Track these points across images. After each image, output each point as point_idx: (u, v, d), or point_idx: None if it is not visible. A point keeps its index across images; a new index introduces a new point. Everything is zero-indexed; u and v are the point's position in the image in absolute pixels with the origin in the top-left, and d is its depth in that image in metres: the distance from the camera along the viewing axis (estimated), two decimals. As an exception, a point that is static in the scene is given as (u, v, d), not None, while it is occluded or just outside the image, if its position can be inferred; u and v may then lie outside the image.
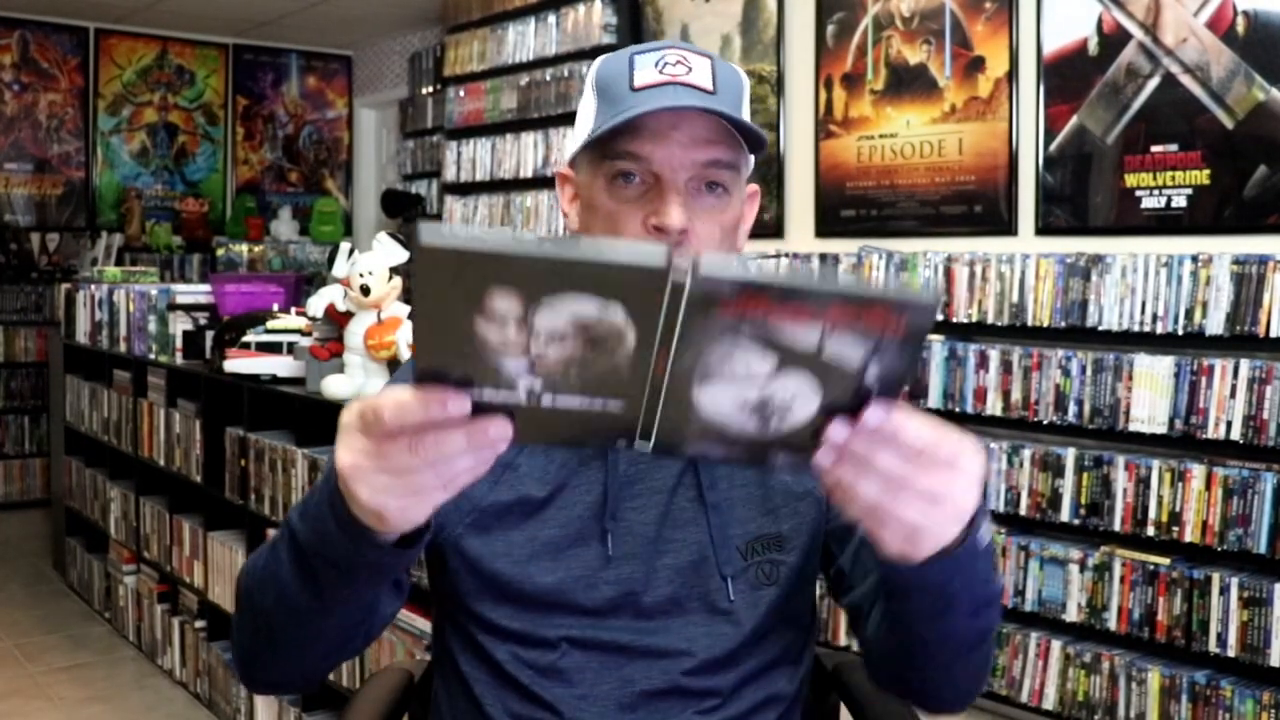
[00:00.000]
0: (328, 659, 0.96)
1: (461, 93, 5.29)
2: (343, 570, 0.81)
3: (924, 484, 0.69)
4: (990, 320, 3.20)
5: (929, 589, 0.80)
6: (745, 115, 1.04)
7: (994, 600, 0.87)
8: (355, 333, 2.44)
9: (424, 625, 2.30)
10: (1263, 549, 2.65)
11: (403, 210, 6.20)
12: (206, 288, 3.57)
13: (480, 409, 0.67)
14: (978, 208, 3.39)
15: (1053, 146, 3.19)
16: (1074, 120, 3.14)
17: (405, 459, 0.67)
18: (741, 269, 0.62)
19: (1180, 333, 2.82)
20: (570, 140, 1.09)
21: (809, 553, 1.09)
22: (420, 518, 0.73)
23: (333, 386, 2.45)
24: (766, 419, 0.68)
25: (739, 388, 0.66)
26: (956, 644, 0.88)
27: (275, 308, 3.13)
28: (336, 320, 2.54)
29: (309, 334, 2.72)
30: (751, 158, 1.06)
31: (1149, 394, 2.85)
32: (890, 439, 0.68)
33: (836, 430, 0.68)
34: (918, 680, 0.96)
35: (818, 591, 1.22)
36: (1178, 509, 2.79)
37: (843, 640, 3.42)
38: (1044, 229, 3.23)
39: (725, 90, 1.02)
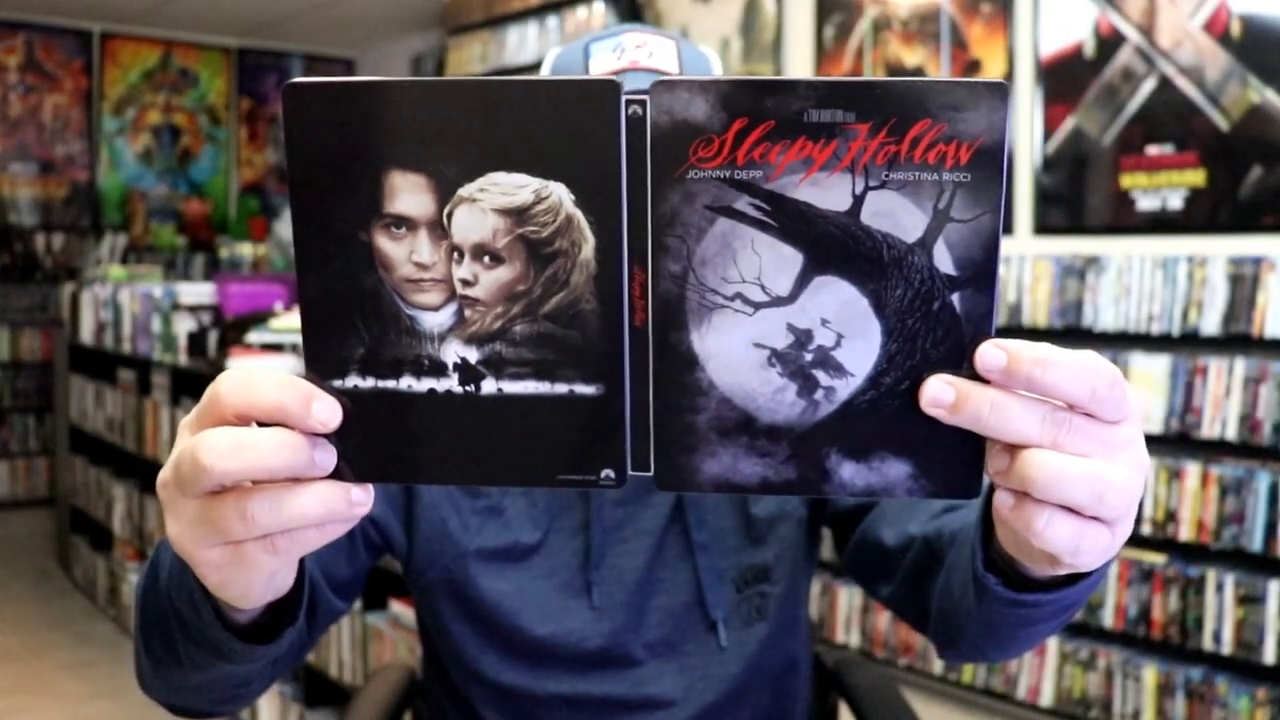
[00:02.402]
0: (206, 708, 0.76)
1: (463, 94, 5.31)
2: (191, 637, 0.63)
3: (1101, 445, 0.46)
4: (988, 320, 3.22)
5: (1069, 596, 0.60)
6: None
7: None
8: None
9: (425, 622, 2.32)
10: (1257, 547, 2.67)
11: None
12: (210, 288, 3.60)
13: (378, 406, 0.48)
14: (975, 209, 3.41)
15: (1049, 148, 3.22)
16: (1070, 122, 3.16)
17: (238, 527, 0.48)
18: (718, 77, 0.45)
19: (1176, 333, 2.84)
20: None
21: (795, 579, 1.04)
22: (245, 596, 0.53)
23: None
24: (810, 378, 0.46)
25: (755, 318, 0.46)
26: (1063, 622, 0.69)
27: (278, 307, 3.16)
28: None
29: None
30: None
31: (1144, 393, 2.87)
32: (1033, 384, 0.45)
33: (938, 389, 0.45)
34: (1004, 655, 0.77)
35: (813, 589, 1.19)
36: (1173, 507, 2.81)
37: (841, 638, 3.44)
38: (1041, 230, 3.25)
39: (693, 73, 0.95)
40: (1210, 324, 2.78)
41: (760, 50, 4.05)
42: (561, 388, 0.47)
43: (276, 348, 2.89)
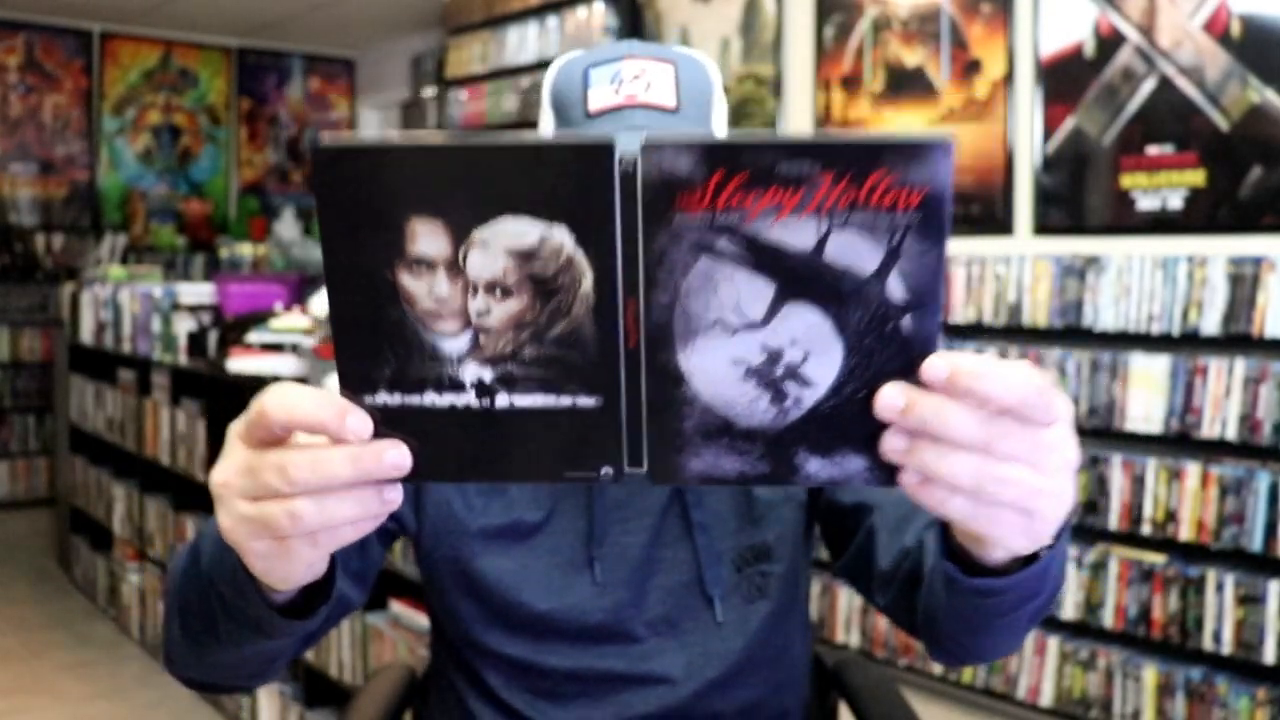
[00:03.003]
0: (235, 683, 0.84)
1: (463, 95, 5.32)
2: (232, 614, 0.70)
3: (1028, 444, 0.53)
4: (987, 320, 3.23)
5: (1023, 584, 0.65)
6: (716, 119, 1.00)
7: (1067, 555, 0.74)
8: (358, 332, 2.47)
9: (425, 622, 2.32)
10: (1257, 547, 2.67)
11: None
12: (210, 287, 3.60)
13: (405, 418, 0.54)
14: (975, 208, 3.41)
15: (1049, 148, 3.22)
16: (1070, 122, 3.17)
17: (274, 480, 0.54)
18: (699, 135, 0.51)
19: (1176, 333, 2.84)
20: None
21: (795, 559, 1.07)
22: (286, 580, 0.60)
23: (336, 386, 2.47)
24: (780, 390, 0.53)
25: (733, 340, 0.52)
26: (1033, 616, 0.74)
27: (278, 307, 3.16)
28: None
29: (312, 333, 2.74)
30: None
31: (1145, 393, 2.87)
32: (971, 392, 0.51)
33: (891, 396, 0.52)
34: (984, 651, 0.81)
35: (813, 589, 1.21)
36: (1173, 507, 2.81)
37: (841, 638, 3.44)
38: (1041, 230, 3.25)
39: (691, 101, 0.97)
40: (1210, 324, 2.78)
41: (760, 50, 4.05)
42: (566, 400, 0.54)
43: (276, 348, 2.88)
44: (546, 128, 1.01)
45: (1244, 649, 2.68)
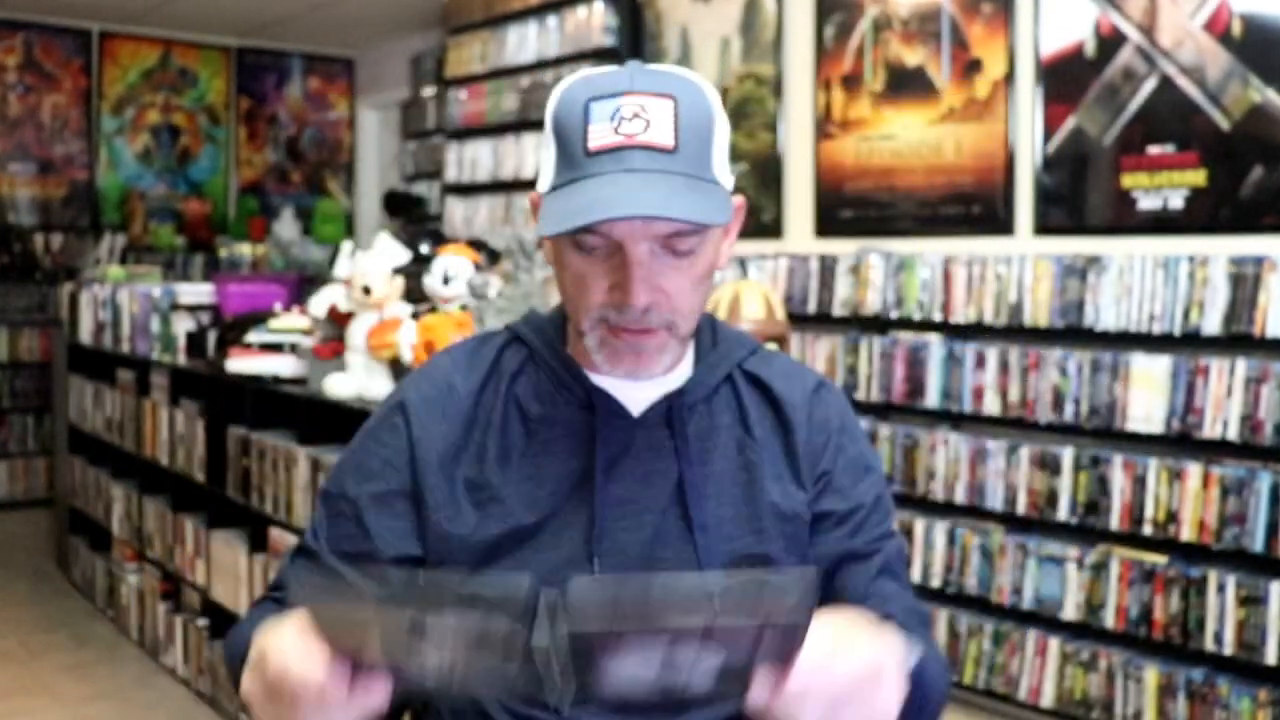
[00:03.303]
0: None
1: (463, 94, 5.31)
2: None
3: (861, 700, 0.79)
4: (988, 320, 3.22)
5: None
6: (715, 151, 1.00)
7: (932, 699, 0.97)
8: (357, 332, 2.46)
9: (425, 622, 2.31)
10: (1259, 548, 2.67)
11: (404, 211, 6.22)
12: (209, 288, 3.59)
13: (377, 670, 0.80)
14: (976, 208, 3.40)
15: (1050, 147, 3.21)
16: (1071, 121, 3.16)
17: (289, 710, 0.82)
18: (612, 590, 0.71)
19: (1177, 333, 2.83)
20: (539, 166, 1.04)
21: (801, 564, 1.07)
22: None
23: (334, 386, 2.47)
24: (673, 679, 0.75)
25: (639, 662, 0.74)
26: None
27: (277, 308, 3.15)
28: (338, 320, 2.56)
29: (311, 334, 2.74)
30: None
31: (1146, 394, 2.87)
32: (821, 683, 0.77)
33: (759, 693, 0.77)
34: None
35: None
36: (1174, 508, 2.81)
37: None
38: (1041, 229, 3.24)
39: (689, 138, 0.96)
40: (1211, 324, 2.77)
41: (760, 50, 4.05)
42: (512, 667, 0.79)
43: (275, 348, 2.88)
44: (549, 157, 1.00)
45: (1245, 650, 2.67)
